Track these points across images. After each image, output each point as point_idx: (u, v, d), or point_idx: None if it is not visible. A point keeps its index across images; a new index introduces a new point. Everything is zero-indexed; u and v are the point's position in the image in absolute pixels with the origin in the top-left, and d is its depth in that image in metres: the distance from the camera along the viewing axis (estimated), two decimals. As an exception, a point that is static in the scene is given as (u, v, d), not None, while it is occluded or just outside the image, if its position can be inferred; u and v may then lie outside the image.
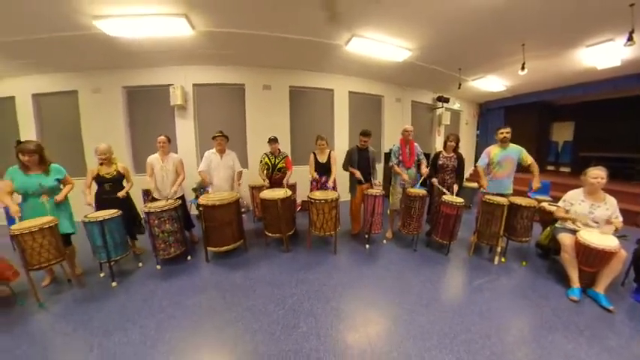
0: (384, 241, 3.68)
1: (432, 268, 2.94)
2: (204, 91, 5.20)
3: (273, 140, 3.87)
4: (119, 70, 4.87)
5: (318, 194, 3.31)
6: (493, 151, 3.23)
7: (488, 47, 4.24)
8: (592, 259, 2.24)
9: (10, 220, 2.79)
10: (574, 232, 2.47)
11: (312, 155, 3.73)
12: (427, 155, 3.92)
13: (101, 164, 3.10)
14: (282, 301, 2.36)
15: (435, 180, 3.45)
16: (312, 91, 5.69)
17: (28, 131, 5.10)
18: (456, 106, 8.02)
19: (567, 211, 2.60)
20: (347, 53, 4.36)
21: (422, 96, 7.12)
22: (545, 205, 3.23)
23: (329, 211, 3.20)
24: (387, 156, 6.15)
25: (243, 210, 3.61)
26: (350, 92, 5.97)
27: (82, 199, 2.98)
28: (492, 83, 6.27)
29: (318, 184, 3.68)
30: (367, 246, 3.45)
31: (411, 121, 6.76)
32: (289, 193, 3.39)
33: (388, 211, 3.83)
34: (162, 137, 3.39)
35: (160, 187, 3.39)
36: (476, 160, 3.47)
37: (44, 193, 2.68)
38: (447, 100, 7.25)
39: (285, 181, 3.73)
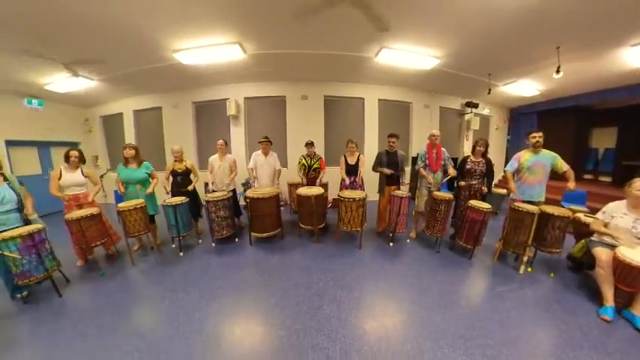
0: (408, 240, 3.49)
1: (454, 271, 2.69)
2: (253, 102, 5.55)
3: (309, 144, 3.94)
4: (190, 90, 5.55)
5: (347, 193, 3.28)
6: (524, 156, 2.83)
7: (520, 52, 3.71)
8: (632, 277, 1.86)
9: (117, 200, 3.36)
10: (612, 246, 2.07)
11: (342, 158, 3.71)
12: (455, 160, 3.63)
13: (175, 161, 3.51)
14: (310, 285, 2.41)
15: (462, 182, 3.17)
16: (344, 99, 5.63)
17: (130, 137, 6.19)
18: (486, 111, 7.20)
19: (606, 225, 2.19)
20: (377, 64, 4.21)
21: (450, 102, 6.52)
22: (580, 216, 2.73)
23: (356, 209, 3.15)
24: (415, 160, 5.82)
25: (281, 203, 3.74)
26: (379, 100, 5.76)
27: (162, 189, 3.47)
28: (524, 88, 5.44)
29: (348, 184, 3.65)
30: (391, 244, 3.32)
31: (439, 126, 6.24)
32: (322, 190, 3.43)
33: (413, 213, 3.62)
34: (221, 141, 3.69)
35: (218, 181, 3.70)
36: (506, 166, 3.08)
37: (138, 183, 3.22)
38: (476, 106, 6.54)
39: (318, 180, 3.81)
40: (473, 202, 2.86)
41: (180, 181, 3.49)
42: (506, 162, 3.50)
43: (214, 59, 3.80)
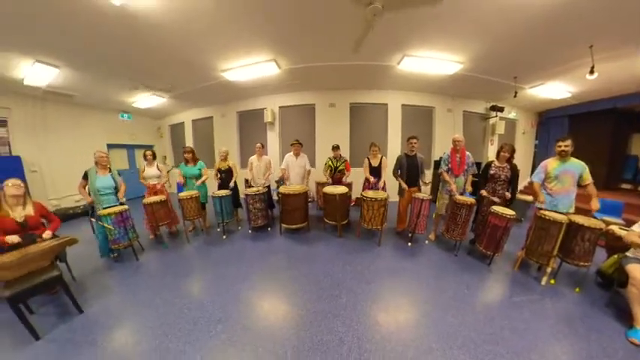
0: (427, 241, 3.28)
1: (471, 275, 2.45)
2: (286, 110, 5.73)
3: (335, 147, 3.95)
4: (235, 101, 5.98)
5: (370, 193, 3.21)
6: (551, 164, 2.43)
7: (549, 53, 3.21)
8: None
9: (178, 191, 3.80)
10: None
11: (366, 160, 3.61)
12: (478, 164, 3.31)
13: (221, 160, 3.83)
14: (331, 275, 2.44)
15: (483, 191, 2.89)
16: (369, 106, 5.48)
17: (189, 141, 7.01)
18: (512, 115, 6.38)
19: None
20: (399, 71, 4.01)
21: (474, 106, 5.94)
22: (614, 228, 2.22)
23: (377, 209, 3.08)
24: (437, 163, 5.40)
25: (309, 200, 3.85)
26: (403, 105, 5.47)
27: (213, 183, 3.85)
28: (554, 90, 4.64)
29: (370, 185, 3.57)
30: (409, 244, 3.16)
31: (463, 130, 5.73)
32: (346, 190, 3.42)
33: (433, 215, 3.39)
34: (259, 144, 3.91)
35: (256, 178, 3.91)
36: (532, 172, 2.67)
37: (194, 177, 3.63)
38: (501, 110, 5.83)
39: (344, 179, 3.87)
40: (495, 208, 2.59)
41: (224, 177, 3.79)
42: (534, 168, 3.08)
43: (254, 75, 4.04)
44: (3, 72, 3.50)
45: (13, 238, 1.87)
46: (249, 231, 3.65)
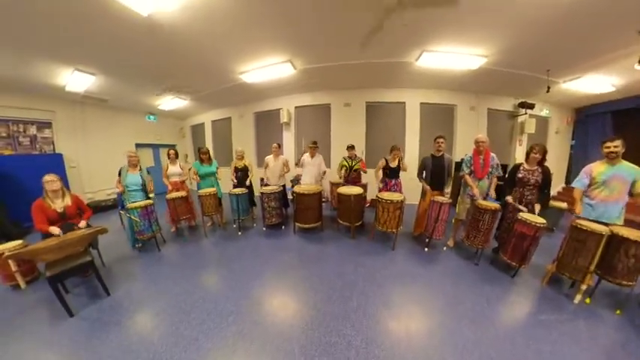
0: (445, 248, 3.12)
1: (492, 287, 2.26)
2: (302, 110, 5.80)
3: (350, 147, 3.94)
4: (252, 102, 6.19)
5: (386, 195, 3.14)
6: (597, 168, 2.16)
7: (587, 42, 2.87)
8: None
9: (197, 188, 4.01)
10: None
11: (382, 160, 3.49)
12: (504, 167, 3.08)
13: (237, 159, 3.98)
14: (342, 276, 2.42)
15: (509, 198, 2.67)
16: (385, 105, 5.34)
17: (209, 141, 7.39)
18: (544, 112, 5.78)
19: None
20: (418, 68, 3.84)
21: (500, 102, 5.47)
22: None
23: (393, 211, 3.00)
24: (458, 165, 5.15)
25: (323, 200, 3.84)
26: (421, 103, 5.22)
27: (226, 181, 4.02)
28: (595, 83, 4.14)
29: (388, 186, 3.48)
30: (426, 249, 3.03)
31: (487, 130, 5.31)
32: (361, 190, 3.39)
33: (453, 220, 3.20)
34: (275, 144, 4.01)
35: (271, 177, 4.01)
36: (568, 177, 2.39)
37: (210, 175, 3.82)
38: (531, 106, 5.30)
39: (362, 172, 3.92)
40: (523, 215, 2.39)
41: (241, 175, 3.93)
42: (569, 172, 2.81)
43: (270, 76, 4.15)
44: (48, 80, 3.99)
45: (55, 230, 2.13)
46: (264, 228, 3.75)
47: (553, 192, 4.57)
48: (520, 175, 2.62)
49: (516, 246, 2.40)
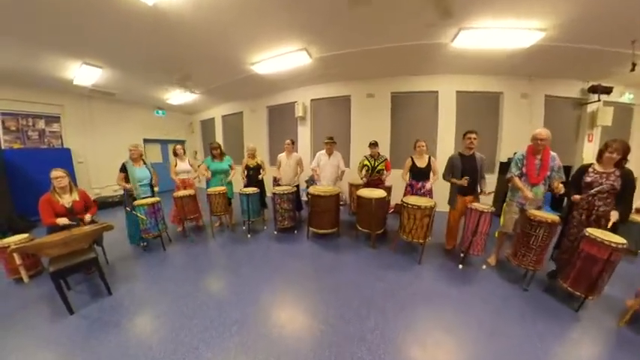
0: (484, 266, 2.85)
1: (547, 322, 1.96)
2: (319, 103, 5.81)
3: (373, 144, 3.84)
4: (265, 96, 6.34)
5: (413, 200, 3.00)
6: None
7: None
8: None
9: (207, 186, 4.16)
10: None
11: (409, 159, 3.40)
12: (568, 169, 2.73)
13: (249, 157, 4.08)
14: (359, 291, 2.35)
15: (577, 196, 2.32)
16: (414, 95, 5.08)
17: (219, 137, 7.79)
18: (626, 97, 4.97)
19: None
20: (453, 50, 3.58)
21: (562, 87, 4.77)
22: None
23: (421, 218, 2.84)
24: (503, 166, 4.71)
25: (341, 203, 3.81)
26: (458, 92, 4.86)
27: (238, 180, 4.17)
28: None
29: (414, 190, 3.34)
30: (460, 266, 2.81)
31: (544, 122, 4.72)
32: (384, 194, 3.28)
33: (496, 233, 2.96)
34: (288, 141, 4.06)
35: (284, 177, 4.04)
36: None
37: (222, 173, 3.94)
38: (607, 91, 4.59)
39: (383, 178, 3.80)
40: (593, 232, 2.05)
41: (252, 174, 4.01)
42: None
43: (284, 67, 4.19)
44: (56, 73, 4.40)
45: (64, 220, 2.30)
46: (275, 232, 3.79)
47: (636, 203, 3.87)
48: (588, 180, 2.28)
49: (582, 271, 2.06)
